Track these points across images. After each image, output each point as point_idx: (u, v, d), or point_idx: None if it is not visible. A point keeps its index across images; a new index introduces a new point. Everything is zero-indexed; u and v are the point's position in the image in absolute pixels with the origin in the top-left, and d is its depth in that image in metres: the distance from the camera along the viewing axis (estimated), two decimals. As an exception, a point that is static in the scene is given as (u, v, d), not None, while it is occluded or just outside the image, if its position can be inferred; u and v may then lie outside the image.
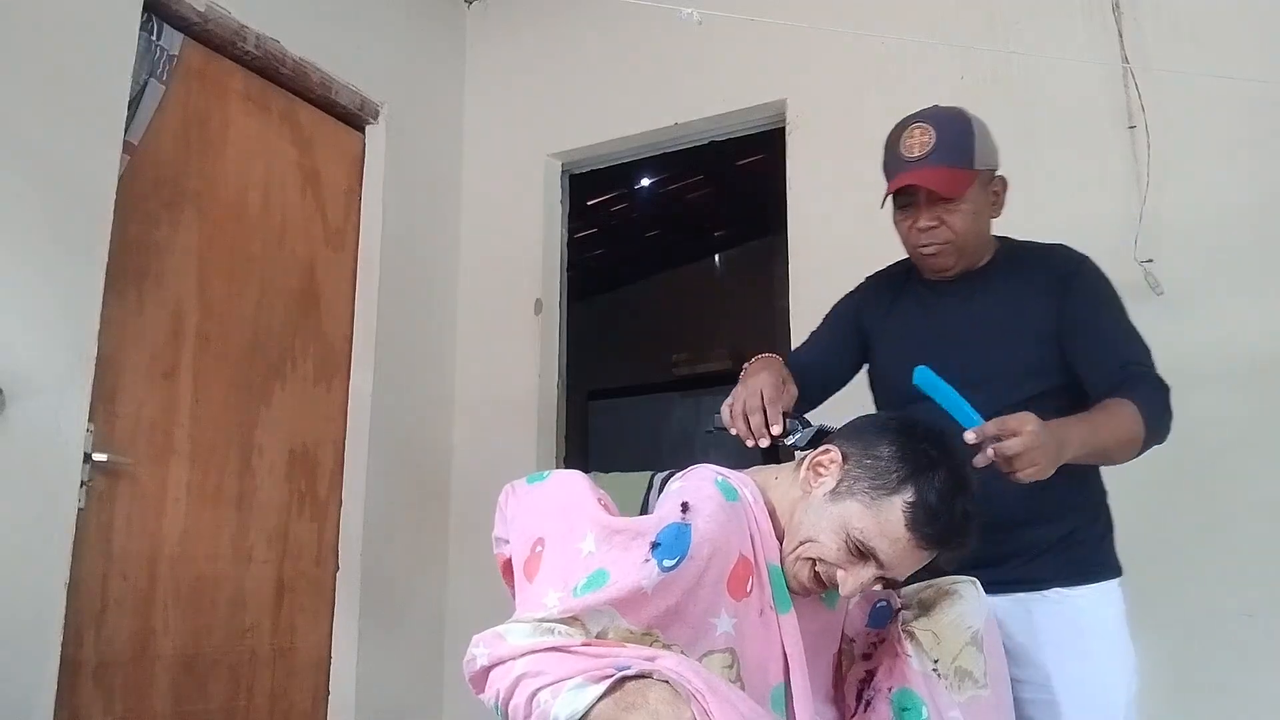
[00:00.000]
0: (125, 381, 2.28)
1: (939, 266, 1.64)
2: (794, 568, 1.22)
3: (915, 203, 1.59)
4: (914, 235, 1.62)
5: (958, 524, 1.18)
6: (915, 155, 1.55)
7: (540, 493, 1.28)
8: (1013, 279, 1.64)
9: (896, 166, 1.58)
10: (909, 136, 1.58)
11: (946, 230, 1.59)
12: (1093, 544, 1.60)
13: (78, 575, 2.08)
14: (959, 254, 1.62)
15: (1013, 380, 1.55)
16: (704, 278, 6.35)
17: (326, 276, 2.90)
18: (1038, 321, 1.59)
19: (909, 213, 1.61)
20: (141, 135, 2.35)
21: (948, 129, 1.57)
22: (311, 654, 2.72)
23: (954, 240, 1.60)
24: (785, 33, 2.72)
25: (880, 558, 1.18)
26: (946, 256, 1.62)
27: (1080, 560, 1.57)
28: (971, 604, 1.35)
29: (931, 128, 1.57)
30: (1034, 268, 1.64)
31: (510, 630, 1.09)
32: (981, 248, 1.66)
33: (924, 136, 1.56)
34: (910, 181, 1.55)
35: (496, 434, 3.17)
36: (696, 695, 0.99)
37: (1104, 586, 1.58)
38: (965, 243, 1.61)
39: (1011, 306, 1.61)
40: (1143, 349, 1.59)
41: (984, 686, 1.30)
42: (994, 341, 1.60)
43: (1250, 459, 2.18)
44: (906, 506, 1.16)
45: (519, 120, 3.37)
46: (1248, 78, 2.16)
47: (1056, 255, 1.67)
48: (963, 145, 1.57)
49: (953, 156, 1.55)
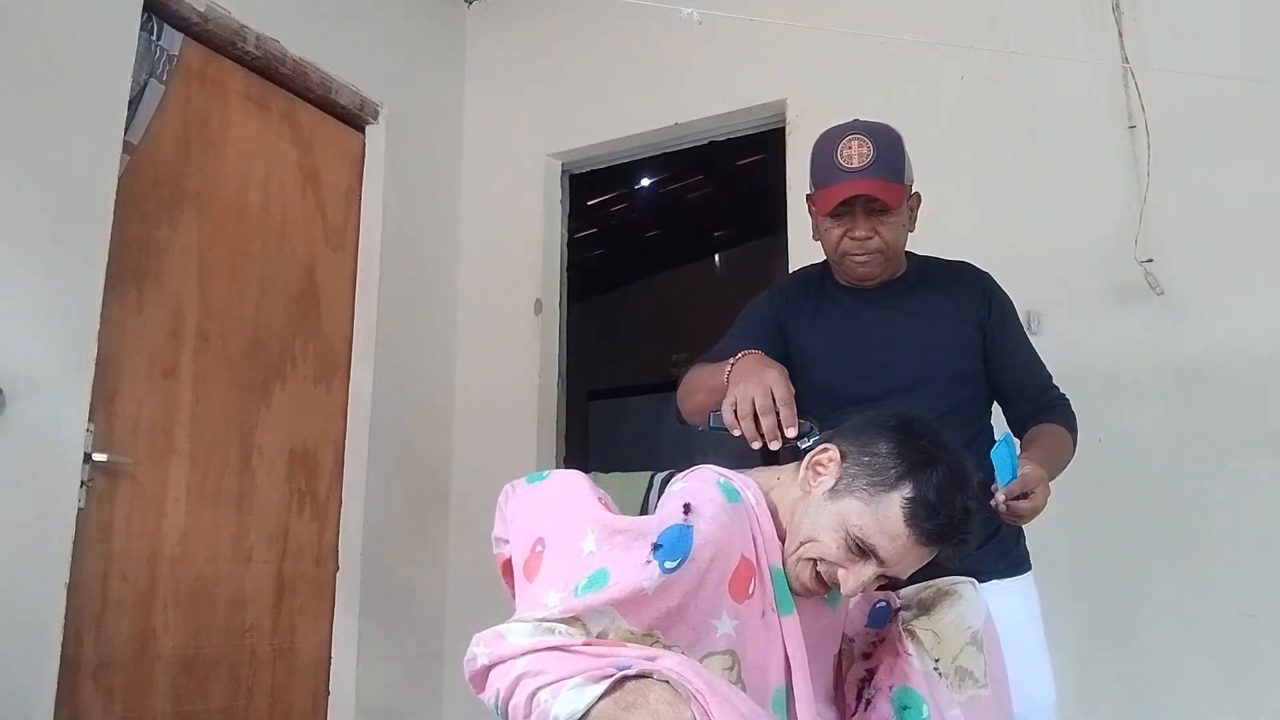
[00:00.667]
0: (125, 381, 2.28)
1: (868, 275, 1.71)
2: (795, 568, 1.22)
3: (851, 212, 1.64)
4: (847, 244, 1.67)
5: (957, 520, 1.17)
6: (856, 166, 1.60)
7: (540, 493, 1.28)
8: (931, 291, 1.74)
9: (835, 176, 1.62)
10: (846, 147, 1.62)
11: (879, 240, 1.65)
12: (1013, 540, 1.70)
13: (78, 575, 2.08)
14: (886, 264, 1.70)
15: (944, 387, 1.66)
16: (704, 278, 6.35)
17: (326, 276, 2.90)
18: (964, 334, 1.71)
19: (844, 221, 1.65)
20: (141, 135, 2.36)
21: (884, 143, 1.63)
22: (311, 654, 2.72)
23: (884, 251, 1.67)
24: (785, 33, 2.72)
25: (880, 555, 1.17)
26: (876, 265, 1.69)
27: (1009, 554, 1.68)
28: (971, 604, 1.35)
29: (868, 140, 1.62)
30: (950, 282, 1.76)
31: (511, 630, 1.08)
32: (901, 259, 1.76)
33: (862, 148, 1.61)
34: (857, 191, 1.60)
35: (496, 434, 3.17)
36: (697, 695, 0.99)
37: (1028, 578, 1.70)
38: (893, 254, 1.70)
39: (936, 318, 1.71)
40: (1046, 370, 1.77)
41: (984, 686, 1.30)
42: (926, 348, 1.68)
43: (1250, 459, 2.19)
44: (905, 502, 1.16)
45: (519, 120, 3.37)
46: (1248, 78, 2.16)
47: (969, 271, 1.80)
48: (898, 160, 1.64)
49: (890, 170, 1.62)
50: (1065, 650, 2.26)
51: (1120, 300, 2.35)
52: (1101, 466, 2.31)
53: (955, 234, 2.53)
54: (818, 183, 1.68)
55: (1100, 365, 2.33)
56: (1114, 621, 2.25)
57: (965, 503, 1.18)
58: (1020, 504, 1.41)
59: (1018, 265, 2.47)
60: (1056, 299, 2.41)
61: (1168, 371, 2.29)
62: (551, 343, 3.26)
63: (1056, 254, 2.43)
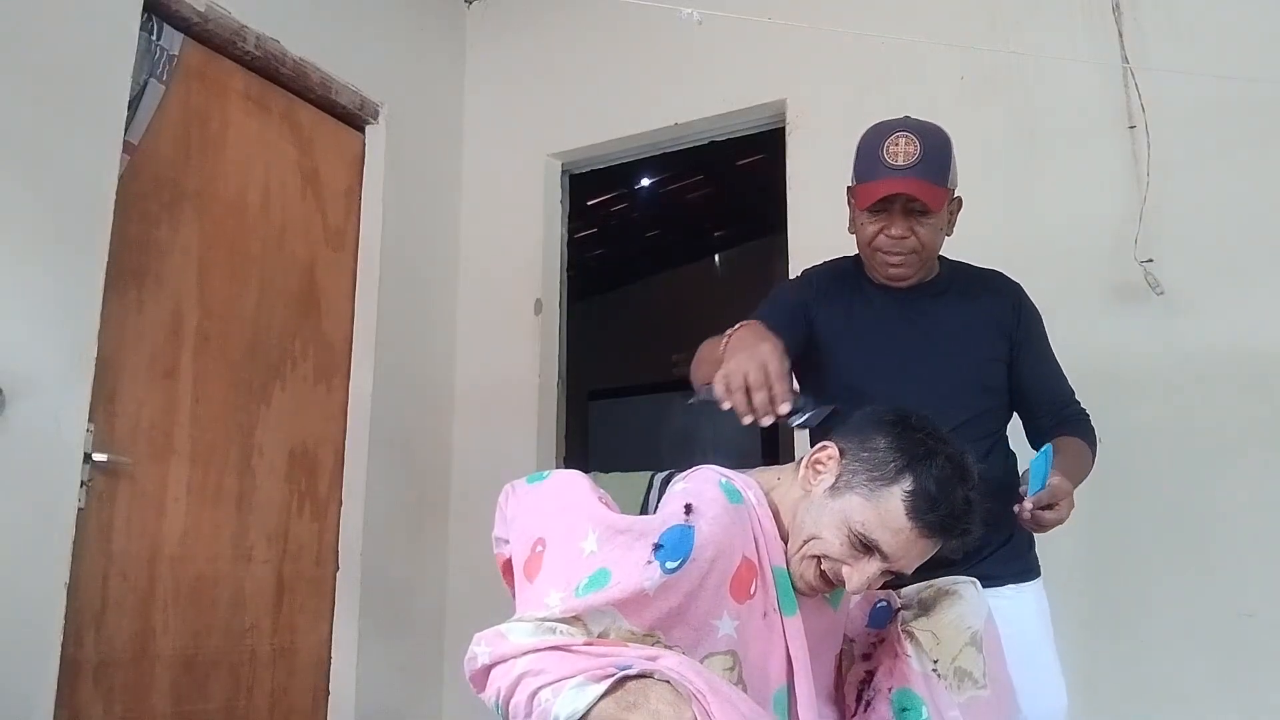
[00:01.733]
0: (125, 381, 2.28)
1: (900, 275, 1.68)
2: (800, 567, 1.22)
3: (890, 210, 1.60)
4: (882, 241, 1.64)
5: (959, 511, 1.17)
6: (901, 164, 1.57)
7: (540, 493, 1.28)
8: (962, 298, 1.72)
9: (879, 172, 1.59)
10: (893, 144, 1.58)
11: (915, 241, 1.62)
12: (1026, 546, 1.70)
13: (78, 575, 2.08)
14: (920, 265, 1.67)
15: (971, 395, 1.66)
16: (704, 278, 6.35)
17: (326, 276, 2.90)
18: (991, 344, 1.70)
19: (881, 219, 1.62)
20: (141, 135, 2.35)
21: (932, 143, 1.59)
22: (311, 654, 2.72)
23: (920, 252, 1.64)
24: (785, 33, 2.72)
25: (884, 550, 1.17)
26: (910, 266, 1.66)
27: (1022, 559, 1.69)
28: (971, 604, 1.35)
29: (916, 139, 1.58)
30: (980, 290, 1.75)
31: (512, 629, 1.08)
32: (934, 263, 1.73)
33: (909, 146, 1.57)
34: (898, 190, 1.57)
35: (496, 434, 3.17)
36: (698, 695, 0.99)
37: (1039, 583, 1.70)
38: (928, 256, 1.67)
39: (966, 325, 1.69)
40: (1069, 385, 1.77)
41: (983, 687, 1.30)
42: (955, 355, 1.67)
43: (1250, 459, 2.19)
44: (906, 495, 1.16)
45: (519, 120, 3.37)
46: (1248, 78, 2.16)
47: (999, 280, 1.79)
48: (944, 162, 1.61)
49: (935, 172, 1.59)
50: (1066, 649, 2.26)
51: (1120, 300, 2.35)
52: (1102, 466, 2.29)
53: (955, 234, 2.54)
54: (860, 176, 1.64)
55: (1100, 365, 2.33)
56: (1114, 621, 2.25)
57: (966, 493, 1.18)
58: (1045, 514, 1.42)
59: (1018, 265, 2.45)
60: (1056, 299, 2.40)
61: (1168, 371, 2.29)
62: (551, 343, 3.26)
63: (1056, 254, 2.43)
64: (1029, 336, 1.73)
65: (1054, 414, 1.70)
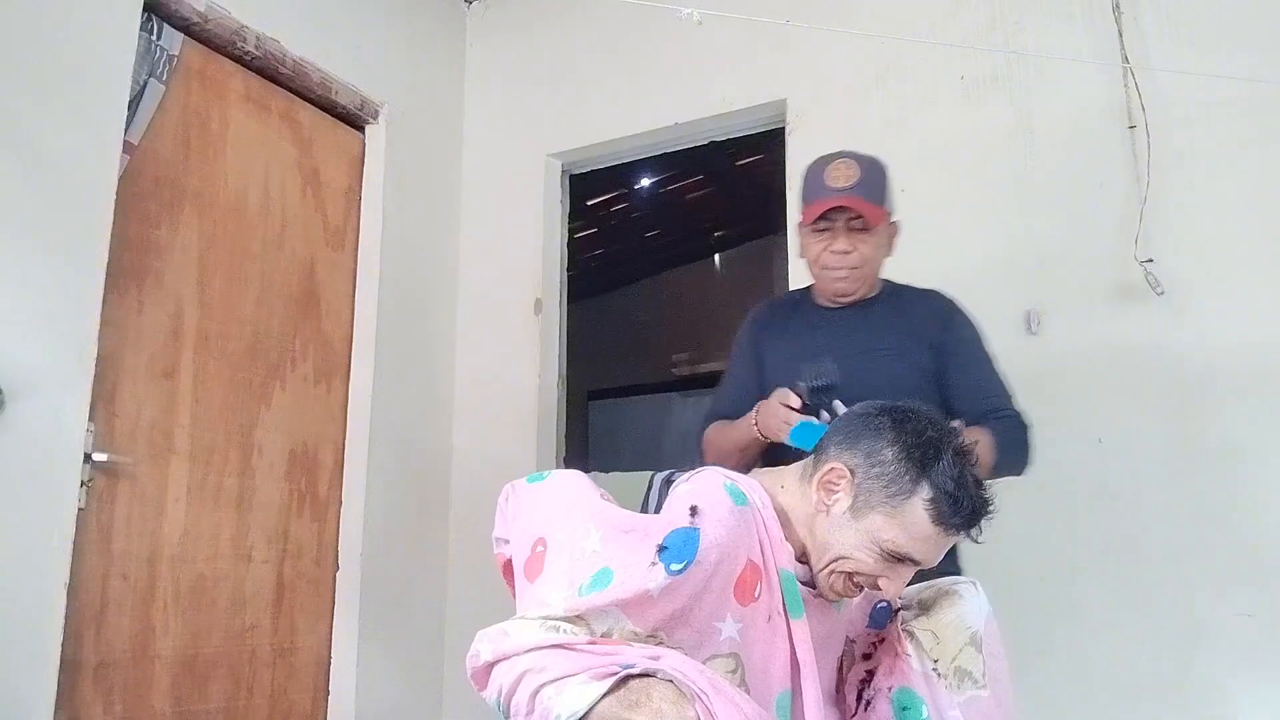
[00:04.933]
0: (125, 381, 2.28)
1: (844, 290, 1.83)
2: (828, 580, 1.24)
3: (833, 226, 1.78)
4: (828, 258, 1.80)
5: (979, 503, 1.20)
6: (842, 185, 1.75)
7: (540, 492, 1.28)
8: (895, 313, 1.84)
9: (822, 192, 1.77)
10: (835, 169, 1.77)
11: (858, 256, 1.78)
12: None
13: (78, 575, 2.08)
14: (862, 281, 1.83)
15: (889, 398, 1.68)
16: (704, 278, 6.36)
17: (326, 276, 2.90)
18: (913, 351, 1.79)
19: (825, 236, 1.79)
20: (141, 135, 2.35)
21: (869, 169, 1.78)
22: (311, 654, 2.72)
23: (861, 268, 1.80)
24: (785, 33, 2.72)
25: (915, 558, 1.21)
26: (852, 281, 1.82)
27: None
28: (971, 604, 1.35)
29: (856, 164, 1.77)
30: (914, 307, 1.86)
31: (515, 627, 1.09)
32: (874, 281, 1.87)
33: (849, 170, 1.76)
34: (840, 203, 1.74)
35: (496, 434, 3.17)
36: (700, 695, 0.99)
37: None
38: (869, 272, 1.83)
39: (894, 336, 1.80)
40: (1004, 391, 1.82)
41: (983, 687, 1.30)
42: (878, 360, 1.78)
43: (1250, 458, 2.19)
44: (928, 504, 1.17)
45: (519, 120, 3.37)
46: (1248, 78, 2.16)
47: (932, 296, 1.89)
48: (881, 185, 1.79)
49: (873, 192, 1.77)
50: (1062, 650, 2.27)
51: (1120, 300, 2.35)
52: (1101, 466, 2.31)
53: (955, 234, 2.55)
54: (807, 199, 1.81)
55: (1100, 365, 2.33)
56: (1113, 620, 2.25)
57: (974, 474, 1.21)
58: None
59: (1018, 265, 2.48)
60: (1056, 299, 2.41)
61: (1168, 371, 2.29)
62: (551, 343, 3.25)
63: (1056, 254, 2.43)
64: (956, 347, 1.81)
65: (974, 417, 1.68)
